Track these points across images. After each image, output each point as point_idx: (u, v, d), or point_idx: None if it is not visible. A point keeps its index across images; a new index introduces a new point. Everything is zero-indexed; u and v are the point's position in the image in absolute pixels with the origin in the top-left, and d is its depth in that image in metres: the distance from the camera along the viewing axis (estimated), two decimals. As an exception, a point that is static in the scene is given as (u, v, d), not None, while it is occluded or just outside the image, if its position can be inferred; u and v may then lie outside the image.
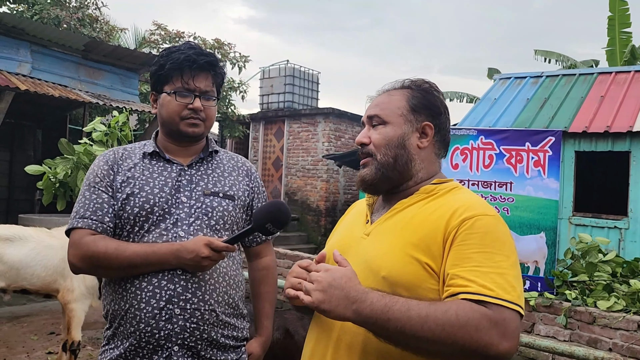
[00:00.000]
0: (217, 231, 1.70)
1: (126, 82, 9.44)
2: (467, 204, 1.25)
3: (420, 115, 1.38)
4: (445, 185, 1.36)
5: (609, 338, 4.00)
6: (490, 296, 1.10)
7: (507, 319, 1.09)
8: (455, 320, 1.07)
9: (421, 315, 1.08)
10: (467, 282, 1.13)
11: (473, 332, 1.06)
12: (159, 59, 1.76)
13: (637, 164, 6.71)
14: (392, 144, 1.36)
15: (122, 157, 1.75)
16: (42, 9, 10.57)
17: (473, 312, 1.08)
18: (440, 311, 1.08)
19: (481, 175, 5.03)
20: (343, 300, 1.12)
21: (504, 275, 1.14)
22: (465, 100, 14.03)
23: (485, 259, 1.15)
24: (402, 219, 1.32)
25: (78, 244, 1.64)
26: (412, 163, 1.37)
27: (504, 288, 1.12)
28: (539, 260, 4.75)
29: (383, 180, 1.37)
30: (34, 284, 3.97)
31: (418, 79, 1.45)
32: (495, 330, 1.07)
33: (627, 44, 11.40)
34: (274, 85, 13.35)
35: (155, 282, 1.59)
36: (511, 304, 1.10)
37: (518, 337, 1.11)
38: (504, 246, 1.19)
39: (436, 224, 1.24)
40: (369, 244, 1.34)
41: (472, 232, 1.19)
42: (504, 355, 1.07)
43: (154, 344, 1.58)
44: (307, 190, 12.37)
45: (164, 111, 1.74)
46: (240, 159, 1.92)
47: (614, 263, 4.65)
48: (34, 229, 4.21)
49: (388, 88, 1.46)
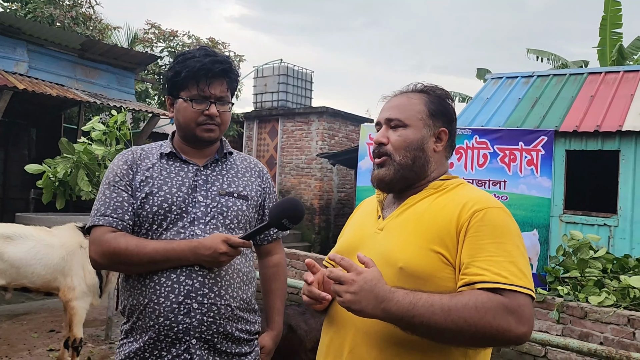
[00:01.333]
0: (232, 230, 1.76)
1: (122, 81, 9.45)
2: (475, 198, 1.34)
3: (438, 121, 1.46)
4: (452, 182, 1.44)
5: (600, 332, 4.11)
6: (504, 283, 1.19)
7: (522, 304, 1.18)
8: (475, 311, 1.16)
9: (444, 310, 1.17)
10: (482, 270, 1.22)
11: (492, 320, 1.15)
12: (174, 65, 1.81)
13: (626, 163, 6.84)
14: (412, 147, 1.43)
15: (141, 157, 1.81)
16: (35, 7, 10.52)
17: (490, 301, 1.17)
18: (461, 304, 1.17)
19: (476, 174, 5.13)
20: (372, 300, 1.21)
21: (515, 263, 1.23)
22: (458, 99, 14.17)
23: (497, 249, 1.24)
24: (414, 213, 1.40)
25: (100, 240, 1.68)
26: (428, 165, 1.45)
27: (516, 275, 1.21)
28: (531, 257, 4.86)
29: (400, 179, 1.44)
30: (34, 282, 4.00)
31: (432, 84, 1.53)
32: (513, 317, 1.16)
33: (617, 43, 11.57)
34: (267, 84, 13.39)
35: (174, 278, 1.65)
36: (524, 289, 1.19)
37: (532, 320, 1.20)
38: (514, 236, 1.29)
39: (448, 217, 1.32)
40: (384, 238, 1.41)
41: (483, 224, 1.28)
42: (521, 338, 1.17)
43: (173, 338, 1.64)
44: (301, 188, 12.43)
45: (180, 117, 1.79)
46: (253, 160, 1.98)
47: (605, 259, 4.75)
48: (34, 228, 4.23)
49: (405, 90, 1.53)
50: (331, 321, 1.46)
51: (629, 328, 3.98)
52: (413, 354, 1.29)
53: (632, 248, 6.53)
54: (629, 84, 7.81)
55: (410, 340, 1.26)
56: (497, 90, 8.90)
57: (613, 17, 11.49)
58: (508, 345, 1.23)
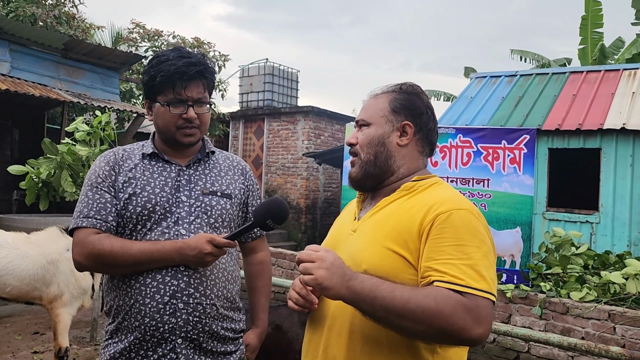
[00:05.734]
0: (216, 229, 1.77)
1: (106, 81, 9.38)
2: (442, 200, 1.34)
3: (400, 116, 1.49)
4: (425, 182, 1.45)
5: (582, 327, 4.18)
6: (461, 285, 1.20)
7: (481, 306, 1.18)
8: (434, 304, 1.17)
9: (404, 297, 1.19)
10: (441, 274, 1.23)
11: (449, 316, 1.16)
12: (149, 69, 1.78)
13: (607, 161, 6.94)
14: (373, 143, 1.48)
15: (123, 157, 1.80)
16: (17, 6, 10.40)
17: (450, 297, 1.18)
18: (421, 295, 1.19)
19: (460, 172, 5.18)
20: (341, 277, 1.23)
21: (473, 266, 1.23)
22: (442, 98, 14.25)
23: (457, 252, 1.25)
24: (383, 215, 1.42)
25: (83, 242, 1.67)
26: (392, 160, 1.48)
27: (474, 278, 1.21)
28: (515, 254, 4.92)
29: (366, 176, 1.49)
30: (8, 292, 3.86)
31: (406, 83, 1.56)
32: (469, 316, 1.16)
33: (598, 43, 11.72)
34: (253, 83, 13.37)
35: (159, 278, 1.66)
36: (482, 292, 1.20)
37: (490, 323, 1.21)
38: (475, 237, 1.28)
39: (413, 219, 1.34)
40: (355, 239, 1.45)
41: (445, 225, 1.28)
42: (476, 339, 1.18)
43: (159, 337, 1.65)
44: (287, 188, 12.44)
45: (159, 121, 1.78)
46: (235, 158, 1.99)
47: (586, 256, 4.83)
48: (12, 235, 4.05)
49: (377, 92, 1.57)
50: (311, 322, 1.50)
51: (609, 323, 4.05)
52: (381, 352, 1.31)
53: (613, 244, 6.63)
54: (610, 83, 7.92)
55: (378, 338, 1.30)
56: (481, 89, 8.98)
57: (594, 16, 11.64)
58: (462, 345, 1.23)
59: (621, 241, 6.70)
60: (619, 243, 6.67)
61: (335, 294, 1.23)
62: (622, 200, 6.80)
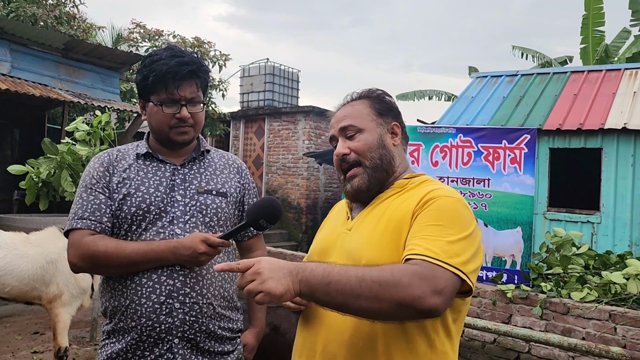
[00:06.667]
0: (212, 228, 1.76)
1: (107, 81, 9.38)
2: (433, 191, 1.36)
3: (387, 118, 1.51)
4: (416, 179, 1.48)
5: (582, 328, 4.16)
6: (432, 257, 1.18)
7: (439, 276, 1.16)
8: (390, 276, 1.14)
9: (358, 275, 1.15)
10: (415, 246, 1.23)
11: (406, 286, 1.13)
12: (142, 69, 1.77)
13: (608, 161, 6.93)
14: (374, 147, 1.47)
15: (117, 158, 1.80)
16: (18, 6, 10.41)
17: (406, 269, 1.16)
18: (376, 270, 1.16)
19: (460, 172, 5.17)
20: (288, 275, 1.17)
21: (451, 243, 1.23)
22: (443, 98, 14.23)
23: (437, 230, 1.25)
24: (378, 211, 1.43)
25: (78, 244, 1.67)
26: (394, 160, 1.49)
27: (447, 252, 1.20)
28: (515, 254, 4.91)
29: (375, 182, 1.47)
30: (7, 292, 3.86)
31: (367, 89, 1.57)
32: (426, 285, 1.14)
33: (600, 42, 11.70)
34: (254, 83, 13.37)
35: (155, 278, 1.65)
36: (449, 266, 1.18)
37: (450, 296, 1.18)
38: (457, 222, 1.28)
39: (407, 209, 1.35)
40: (351, 237, 1.44)
41: (431, 209, 1.30)
42: (434, 309, 1.14)
43: (155, 338, 1.64)
44: (287, 188, 12.43)
45: (153, 121, 1.78)
46: (231, 156, 1.98)
47: (587, 256, 4.81)
48: (10, 235, 4.05)
49: (344, 102, 1.57)
50: (305, 322, 1.48)
51: (610, 323, 4.03)
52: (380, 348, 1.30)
53: (614, 244, 6.62)
54: (611, 83, 7.91)
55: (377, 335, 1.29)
56: (482, 89, 8.97)
57: (595, 15, 11.62)
58: (420, 318, 1.20)
59: (622, 241, 6.68)
60: (620, 243, 6.66)
61: (291, 295, 1.17)
62: (623, 200, 6.79)
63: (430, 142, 5.26)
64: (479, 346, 4.67)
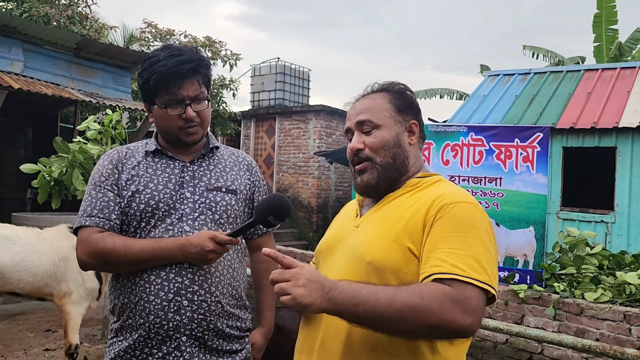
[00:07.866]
0: (221, 225, 1.75)
1: (118, 80, 9.42)
2: (446, 194, 1.33)
3: (407, 115, 1.47)
4: (429, 179, 1.44)
5: (596, 329, 4.11)
6: (460, 275, 1.16)
7: (470, 296, 1.15)
8: (419, 300, 1.13)
9: (387, 297, 1.14)
10: (440, 262, 1.20)
11: (437, 311, 1.12)
12: (142, 72, 1.75)
13: (623, 160, 6.84)
14: (389, 145, 1.43)
15: (126, 155, 1.79)
16: (31, 6, 10.50)
17: (437, 291, 1.14)
18: (405, 293, 1.14)
19: (471, 171, 5.13)
20: (320, 290, 1.17)
21: (475, 257, 1.20)
22: (455, 97, 14.13)
23: (459, 242, 1.22)
24: (387, 210, 1.40)
25: (87, 241, 1.67)
26: (408, 160, 1.46)
27: (475, 269, 1.18)
28: (527, 254, 4.86)
29: (384, 180, 1.44)
30: (22, 288, 3.86)
31: (389, 81, 1.53)
32: (458, 307, 1.13)
33: (614, 40, 11.56)
34: (264, 82, 13.39)
35: (164, 276, 1.64)
36: (480, 283, 1.16)
37: (481, 313, 1.17)
38: (478, 231, 1.26)
39: (418, 212, 1.32)
40: (358, 234, 1.42)
41: (449, 217, 1.26)
42: (466, 329, 1.13)
43: (163, 335, 1.64)
44: (298, 187, 12.43)
45: (160, 123, 1.77)
46: (241, 154, 1.96)
47: (601, 256, 4.75)
48: (24, 230, 4.06)
49: (365, 93, 1.52)
50: (307, 319, 1.47)
51: (624, 324, 3.97)
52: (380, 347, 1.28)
53: (629, 244, 6.53)
54: (626, 81, 7.81)
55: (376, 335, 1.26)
56: (494, 87, 8.89)
57: (608, 13, 11.48)
58: (454, 337, 1.19)
59: (637, 241, 6.59)
60: (635, 243, 6.56)
61: (316, 309, 1.17)
62: (638, 200, 6.69)
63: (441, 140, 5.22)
64: (491, 346, 4.62)
